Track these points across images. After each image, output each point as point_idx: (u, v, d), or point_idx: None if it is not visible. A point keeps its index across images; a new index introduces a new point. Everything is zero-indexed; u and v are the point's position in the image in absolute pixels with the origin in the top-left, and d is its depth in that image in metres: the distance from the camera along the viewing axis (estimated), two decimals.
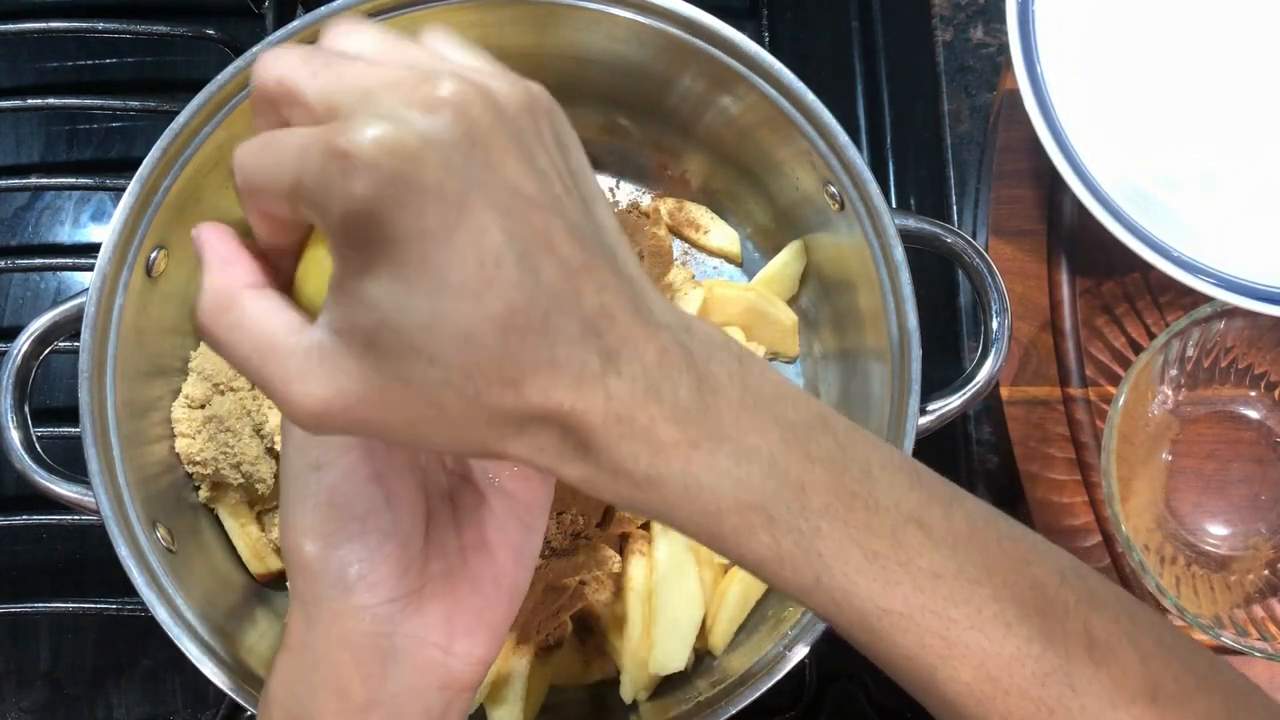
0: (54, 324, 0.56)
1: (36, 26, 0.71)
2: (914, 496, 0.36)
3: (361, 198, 0.29)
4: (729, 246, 0.69)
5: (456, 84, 0.31)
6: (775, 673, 0.54)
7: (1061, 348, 0.66)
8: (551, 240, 0.31)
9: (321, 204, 0.30)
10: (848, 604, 0.35)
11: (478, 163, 0.30)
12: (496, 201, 0.30)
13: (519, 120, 0.32)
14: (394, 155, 0.29)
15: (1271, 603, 0.62)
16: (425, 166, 0.29)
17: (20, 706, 0.68)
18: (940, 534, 0.36)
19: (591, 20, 0.59)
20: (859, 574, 0.35)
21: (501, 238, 0.30)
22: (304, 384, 0.32)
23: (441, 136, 0.30)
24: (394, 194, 0.29)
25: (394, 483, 0.39)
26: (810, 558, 0.35)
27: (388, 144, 0.29)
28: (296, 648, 0.39)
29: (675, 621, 0.60)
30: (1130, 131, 0.60)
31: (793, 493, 0.34)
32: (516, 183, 0.31)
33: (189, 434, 0.61)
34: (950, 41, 0.73)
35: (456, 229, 0.30)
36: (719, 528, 0.34)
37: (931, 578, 0.35)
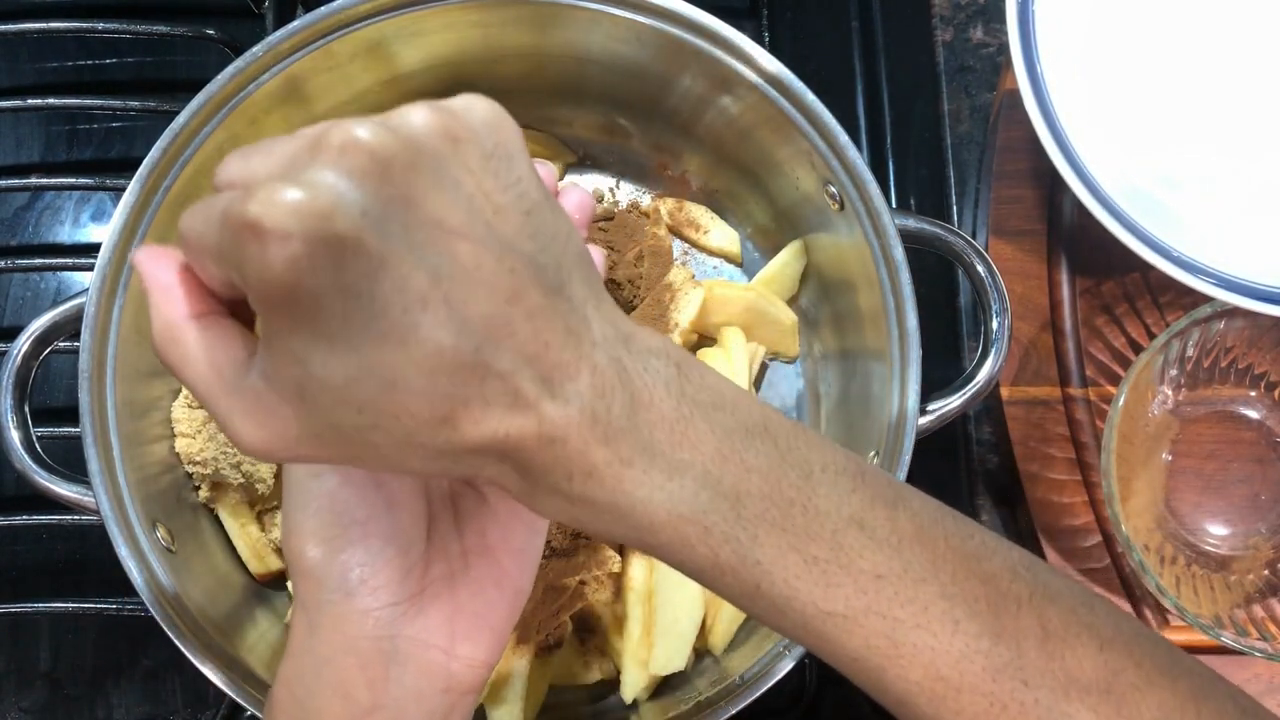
0: (54, 324, 0.56)
1: (36, 26, 0.71)
2: (855, 499, 0.36)
3: (275, 269, 0.29)
4: (729, 246, 0.69)
5: (365, 129, 0.30)
6: (775, 673, 0.54)
7: (1061, 348, 0.66)
8: (480, 271, 0.31)
9: (240, 274, 0.30)
10: (790, 609, 0.36)
11: (396, 205, 0.30)
12: (418, 243, 0.30)
13: (439, 149, 0.31)
14: (304, 217, 0.29)
15: (1271, 603, 0.62)
16: (338, 222, 0.29)
17: (20, 706, 0.68)
18: (883, 534, 0.36)
19: (591, 20, 0.59)
20: (798, 580, 0.35)
21: (426, 280, 0.30)
22: (244, 423, 0.32)
23: (353, 187, 0.29)
24: (309, 258, 0.29)
25: (394, 487, 0.39)
26: (749, 566, 0.35)
27: (296, 207, 0.29)
28: (300, 652, 0.39)
29: (675, 621, 0.60)
30: (1130, 131, 0.60)
31: (728, 503, 0.34)
32: (440, 216, 0.30)
33: (189, 434, 0.61)
34: (950, 41, 0.73)
35: (377, 280, 0.29)
36: (655, 540, 0.35)
37: (874, 579, 0.35)
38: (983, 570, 0.37)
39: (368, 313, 0.30)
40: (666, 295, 0.64)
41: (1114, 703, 0.36)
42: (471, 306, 0.31)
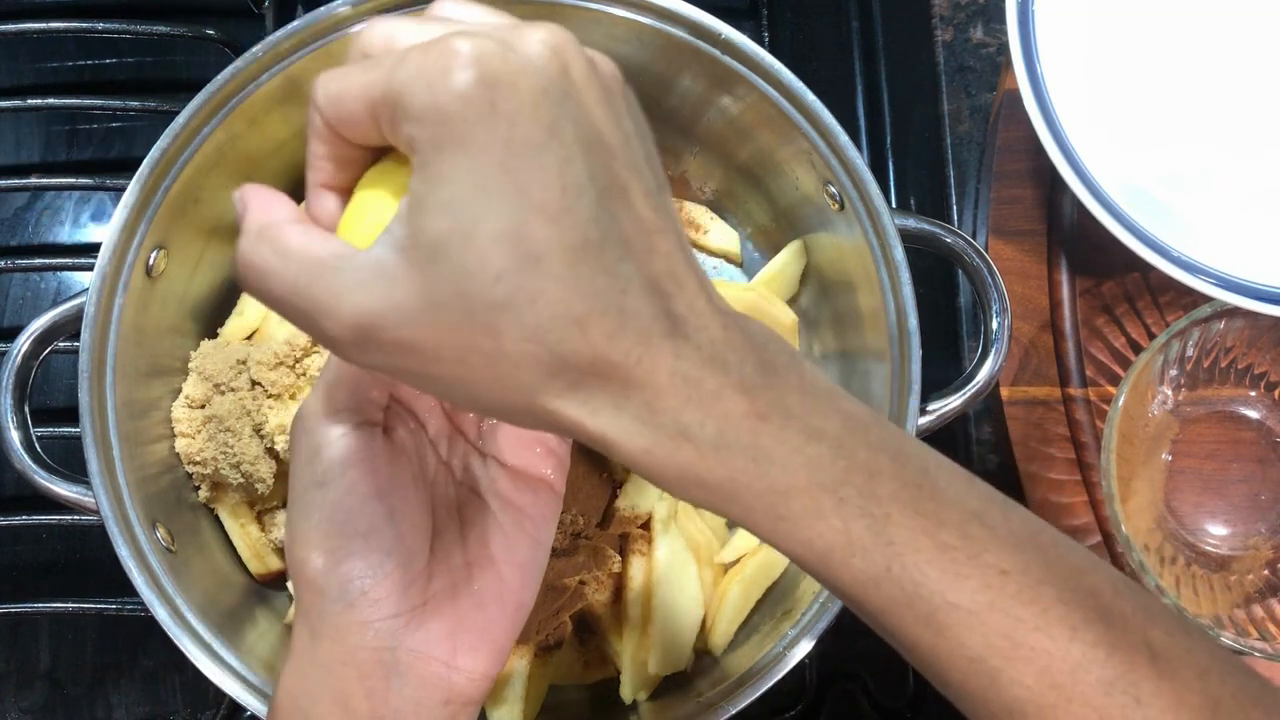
0: (54, 324, 0.56)
1: (36, 26, 0.71)
2: (973, 494, 0.35)
3: (460, 90, 0.29)
4: (729, 246, 0.69)
5: (556, 33, 0.31)
6: (775, 673, 0.54)
7: (1061, 348, 0.66)
8: (629, 194, 0.31)
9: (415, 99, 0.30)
10: (918, 596, 0.34)
11: (572, 99, 0.31)
12: (584, 138, 0.30)
13: (610, 81, 0.33)
14: (496, 62, 0.29)
15: (1271, 603, 0.62)
16: (523, 82, 0.29)
17: (20, 706, 0.68)
18: (1003, 533, 0.35)
19: (591, 20, 0.59)
20: (930, 565, 0.34)
21: (585, 171, 0.30)
22: (354, 295, 0.30)
23: (540, 66, 0.30)
24: (491, 96, 0.29)
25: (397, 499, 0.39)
26: (881, 545, 0.34)
27: (491, 52, 0.29)
28: (301, 661, 0.39)
29: (675, 621, 0.60)
30: (1130, 131, 0.60)
31: (863, 477, 0.33)
32: (603, 131, 0.31)
33: (189, 434, 0.61)
34: (950, 41, 0.73)
35: (545, 149, 0.29)
36: (787, 508, 0.33)
37: (999, 574, 0.34)
38: (1089, 583, 0.36)
39: (528, 177, 0.29)
40: None
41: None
42: (621, 218, 0.31)
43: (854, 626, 0.40)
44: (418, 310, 0.30)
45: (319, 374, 0.61)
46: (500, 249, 0.29)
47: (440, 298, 0.30)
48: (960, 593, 0.34)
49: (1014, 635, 0.34)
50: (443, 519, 0.41)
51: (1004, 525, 0.35)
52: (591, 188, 0.30)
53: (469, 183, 0.29)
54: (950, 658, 0.35)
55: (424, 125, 0.30)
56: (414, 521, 0.40)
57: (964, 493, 0.35)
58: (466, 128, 0.29)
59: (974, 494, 0.36)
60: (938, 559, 0.34)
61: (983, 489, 0.36)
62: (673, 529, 0.62)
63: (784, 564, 0.63)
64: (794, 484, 0.33)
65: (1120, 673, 0.35)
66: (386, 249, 0.30)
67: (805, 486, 0.33)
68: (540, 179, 0.29)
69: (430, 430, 0.43)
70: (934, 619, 0.34)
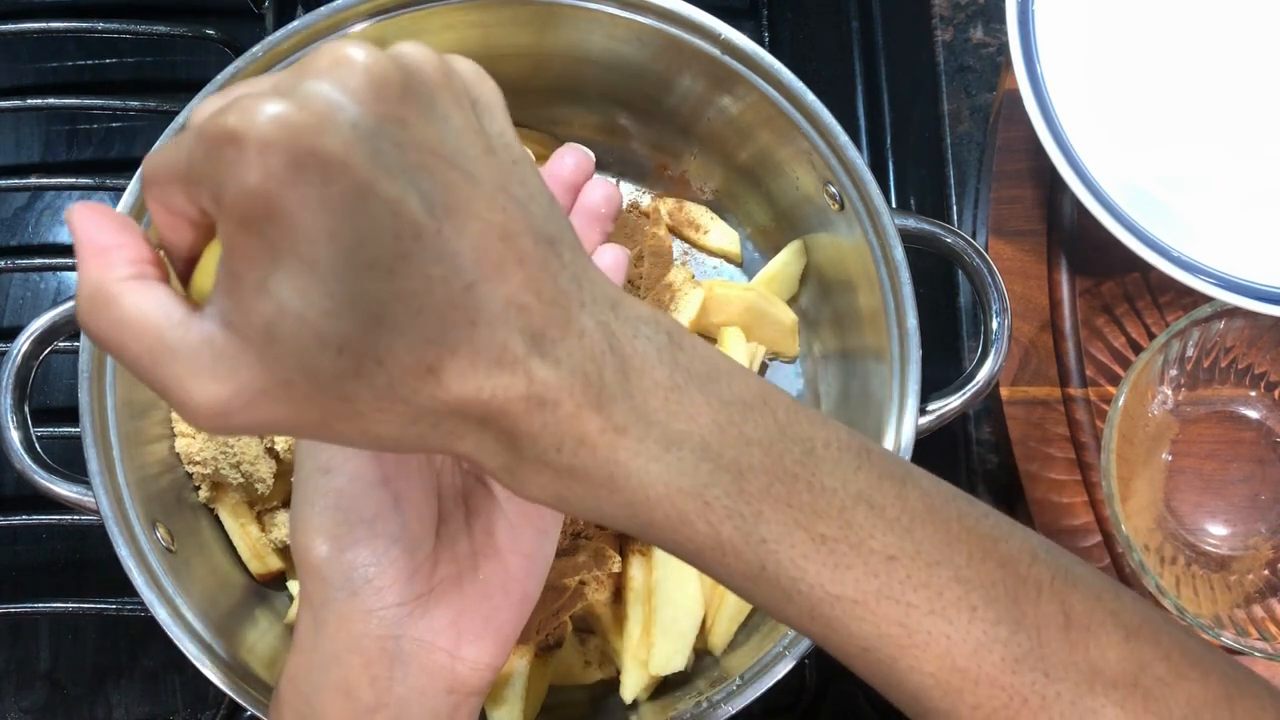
0: (54, 324, 0.56)
1: (36, 26, 0.71)
2: (862, 475, 0.34)
3: (254, 178, 0.27)
4: (729, 246, 0.69)
5: (358, 49, 0.28)
6: (775, 673, 0.54)
7: (1061, 348, 0.66)
8: (473, 205, 0.29)
9: (213, 189, 0.28)
10: (796, 592, 0.33)
11: (389, 124, 0.28)
12: (410, 163, 0.28)
13: (433, 79, 0.30)
14: (290, 127, 0.27)
15: (1271, 603, 0.62)
16: (327, 135, 0.27)
17: (20, 706, 0.68)
18: (893, 514, 0.34)
19: (591, 20, 0.59)
20: (806, 560, 0.33)
21: (419, 206, 0.28)
22: (200, 382, 0.29)
23: (344, 100, 0.27)
24: (292, 169, 0.26)
25: (403, 486, 0.39)
26: (753, 544, 0.33)
27: (283, 117, 0.27)
28: (305, 649, 0.39)
29: (675, 621, 0.60)
30: (1130, 131, 0.60)
31: (730, 477, 0.32)
32: (433, 143, 0.29)
33: (189, 434, 0.61)
34: (950, 41, 0.73)
35: (366, 200, 0.27)
36: (650, 517, 0.32)
37: (885, 560, 0.33)
38: (999, 553, 0.35)
39: (354, 238, 0.27)
40: (666, 295, 0.64)
41: (1141, 697, 0.34)
42: (464, 240, 0.28)
43: None
44: (266, 390, 0.28)
45: None
46: (335, 322, 0.27)
47: (285, 377, 0.28)
48: (842, 584, 0.33)
49: (907, 622, 0.33)
50: (448, 507, 0.41)
51: (896, 505, 0.34)
52: (430, 221, 0.28)
53: (289, 260, 0.27)
54: (844, 649, 0.34)
55: (225, 205, 0.27)
56: (419, 509, 0.39)
57: (850, 475, 0.34)
58: (271, 204, 0.27)
59: (864, 474, 0.34)
60: (814, 552, 0.33)
61: (879, 465, 0.34)
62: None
63: None
64: (654, 495, 0.32)
65: (1028, 648, 0.34)
66: (216, 325, 0.29)
67: (665, 495, 0.32)
68: (370, 232, 0.27)
69: None
70: (818, 612, 0.34)
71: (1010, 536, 0.36)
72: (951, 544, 0.34)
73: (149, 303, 0.30)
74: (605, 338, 0.31)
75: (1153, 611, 0.36)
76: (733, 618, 0.62)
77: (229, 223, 0.28)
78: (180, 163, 0.29)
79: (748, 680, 0.55)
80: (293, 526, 0.39)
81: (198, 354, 0.29)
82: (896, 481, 0.34)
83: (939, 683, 0.34)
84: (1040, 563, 0.35)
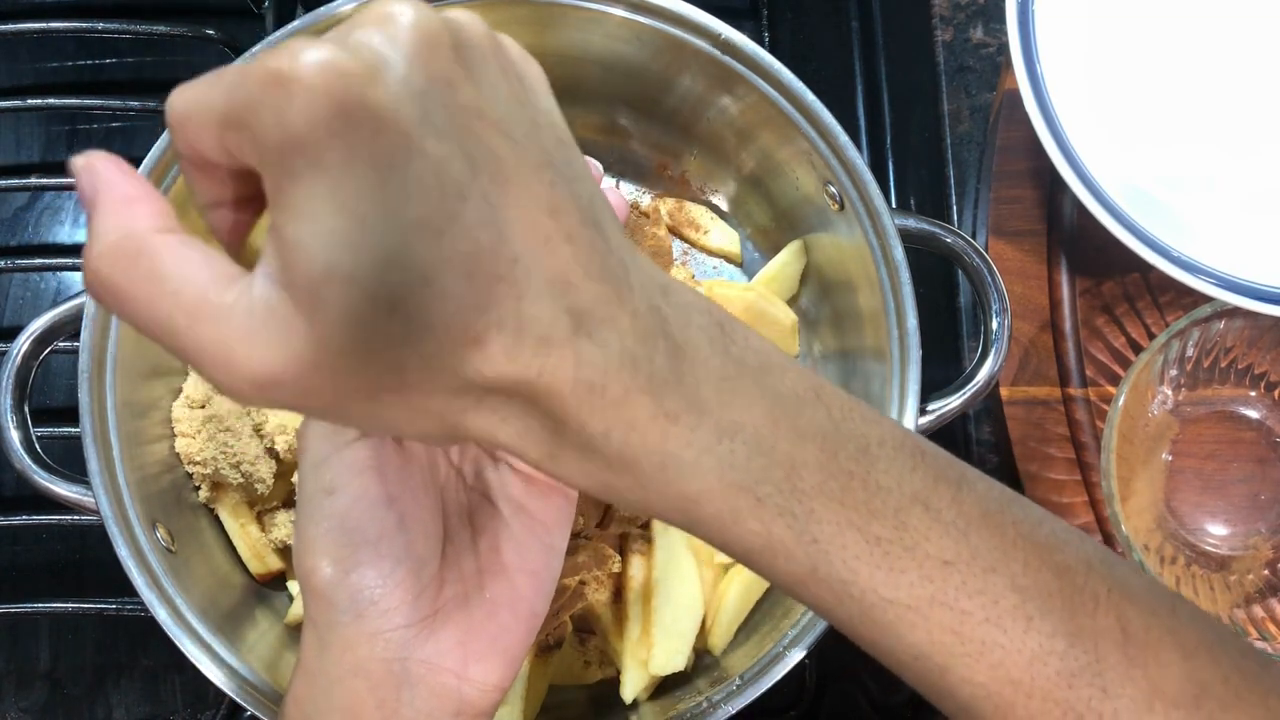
0: (54, 324, 0.56)
1: (36, 26, 0.71)
2: (917, 476, 0.33)
3: (302, 121, 0.25)
4: (729, 246, 0.69)
5: (413, 8, 0.27)
6: (775, 673, 0.54)
7: (1061, 348, 0.66)
8: (521, 174, 0.28)
9: (257, 132, 0.26)
10: (848, 595, 0.32)
11: (438, 84, 0.27)
12: (458, 125, 0.27)
13: (481, 45, 0.29)
14: (340, 74, 0.26)
15: (1271, 603, 0.62)
16: (377, 85, 0.26)
17: (20, 706, 0.68)
18: (949, 517, 0.32)
19: (591, 20, 0.59)
20: (859, 561, 0.32)
21: (465, 169, 0.27)
22: (249, 349, 0.27)
23: (396, 53, 0.27)
24: (341, 116, 0.26)
25: (408, 505, 0.38)
26: (804, 544, 0.32)
27: (333, 64, 0.26)
28: (310, 671, 0.38)
29: (675, 621, 0.60)
30: (1130, 131, 0.60)
31: (783, 472, 0.31)
32: (481, 107, 0.28)
33: (189, 434, 0.61)
34: (950, 41, 0.73)
35: (414, 156, 0.26)
36: (701, 512, 0.31)
37: (940, 565, 0.32)
38: (1056, 561, 0.33)
39: (401, 193, 0.26)
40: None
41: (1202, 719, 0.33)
42: (511, 210, 0.27)
43: None
44: (317, 359, 0.27)
45: None
46: (385, 279, 0.26)
47: (338, 343, 0.27)
48: (896, 589, 0.32)
49: (961, 630, 0.32)
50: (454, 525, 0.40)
51: (952, 508, 0.32)
52: (475, 186, 0.27)
53: (335, 213, 0.26)
54: (894, 656, 0.33)
55: (268, 150, 0.26)
56: (425, 528, 0.39)
57: (906, 475, 0.32)
58: (318, 151, 0.26)
59: (920, 474, 0.33)
60: (867, 554, 0.32)
61: (934, 465, 0.33)
62: (673, 529, 0.62)
63: None
64: (706, 488, 0.31)
65: (1085, 663, 0.32)
66: (268, 285, 0.27)
67: (718, 490, 0.31)
68: (416, 191, 0.26)
69: None
70: (870, 617, 0.32)
71: (1067, 545, 0.34)
72: (1007, 550, 0.33)
73: (193, 257, 0.28)
74: (657, 322, 0.30)
75: (1209, 628, 0.35)
76: (733, 618, 0.62)
77: (273, 171, 0.26)
78: (217, 102, 0.27)
79: (748, 680, 0.55)
80: (296, 548, 0.38)
81: (247, 316, 0.27)
82: (952, 484, 0.33)
83: (991, 694, 0.33)
84: (1097, 573, 0.34)
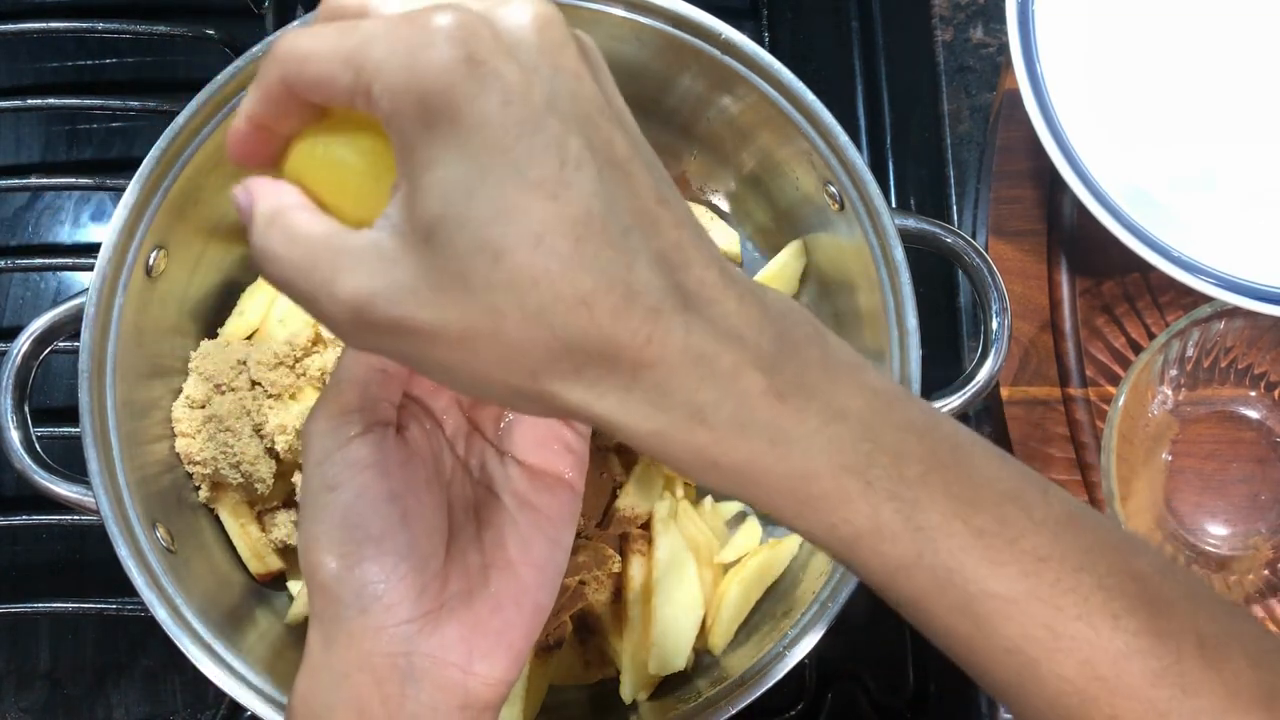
0: (54, 324, 0.56)
1: (36, 26, 0.71)
2: (1007, 474, 0.34)
3: (446, 66, 0.28)
4: (729, 246, 0.69)
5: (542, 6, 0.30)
6: (775, 673, 0.54)
7: (1061, 348, 0.66)
8: (630, 167, 0.30)
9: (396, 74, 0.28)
10: (951, 584, 0.33)
11: (565, 74, 0.29)
12: (580, 113, 0.29)
13: (597, 55, 0.32)
14: (483, 36, 0.28)
15: (1271, 603, 0.62)
16: (513, 57, 0.29)
17: (20, 706, 0.68)
18: (1040, 515, 0.33)
19: (591, 20, 0.59)
20: (965, 552, 0.32)
21: (584, 145, 0.29)
22: (352, 275, 0.30)
23: (530, 40, 0.29)
24: (480, 72, 0.28)
25: (411, 501, 0.39)
26: (911, 530, 0.32)
27: (476, 26, 0.28)
28: (315, 667, 0.39)
29: (675, 621, 0.60)
30: (1130, 131, 0.60)
31: (890, 458, 0.32)
32: (599, 105, 0.30)
33: (189, 434, 0.61)
34: (950, 41, 0.73)
35: (540, 125, 0.28)
36: (809, 492, 0.32)
37: (1036, 561, 0.33)
38: (1132, 566, 0.34)
39: (525, 155, 0.28)
40: None
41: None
42: (623, 191, 0.29)
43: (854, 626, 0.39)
44: (415, 290, 0.29)
45: (323, 375, 0.61)
46: (498, 230, 0.28)
47: (438, 279, 0.29)
48: (998, 581, 0.33)
49: (1054, 625, 0.33)
50: (459, 520, 0.41)
51: (1042, 507, 0.34)
52: (592, 162, 0.29)
53: (461, 164, 0.28)
54: (987, 649, 0.34)
55: (406, 103, 0.28)
56: (429, 524, 0.39)
57: (998, 473, 0.34)
58: (454, 106, 0.28)
59: (1009, 474, 0.34)
60: (973, 545, 0.32)
61: (1017, 468, 0.35)
62: (673, 529, 0.62)
63: (784, 564, 0.63)
64: (817, 467, 0.31)
65: (1168, 663, 0.33)
66: (383, 231, 0.30)
67: (829, 469, 0.31)
68: (538, 156, 0.28)
69: (447, 429, 0.42)
70: (970, 608, 0.33)
71: (1142, 551, 0.35)
72: (1092, 552, 0.34)
73: (318, 221, 0.32)
74: (760, 309, 0.31)
75: (1268, 638, 0.36)
76: (733, 618, 0.62)
77: (408, 118, 0.28)
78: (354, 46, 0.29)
79: (748, 680, 0.55)
80: (301, 545, 0.39)
81: (359, 252, 0.30)
82: (1039, 485, 0.34)
83: (1079, 689, 0.33)
84: (1169, 580, 0.35)
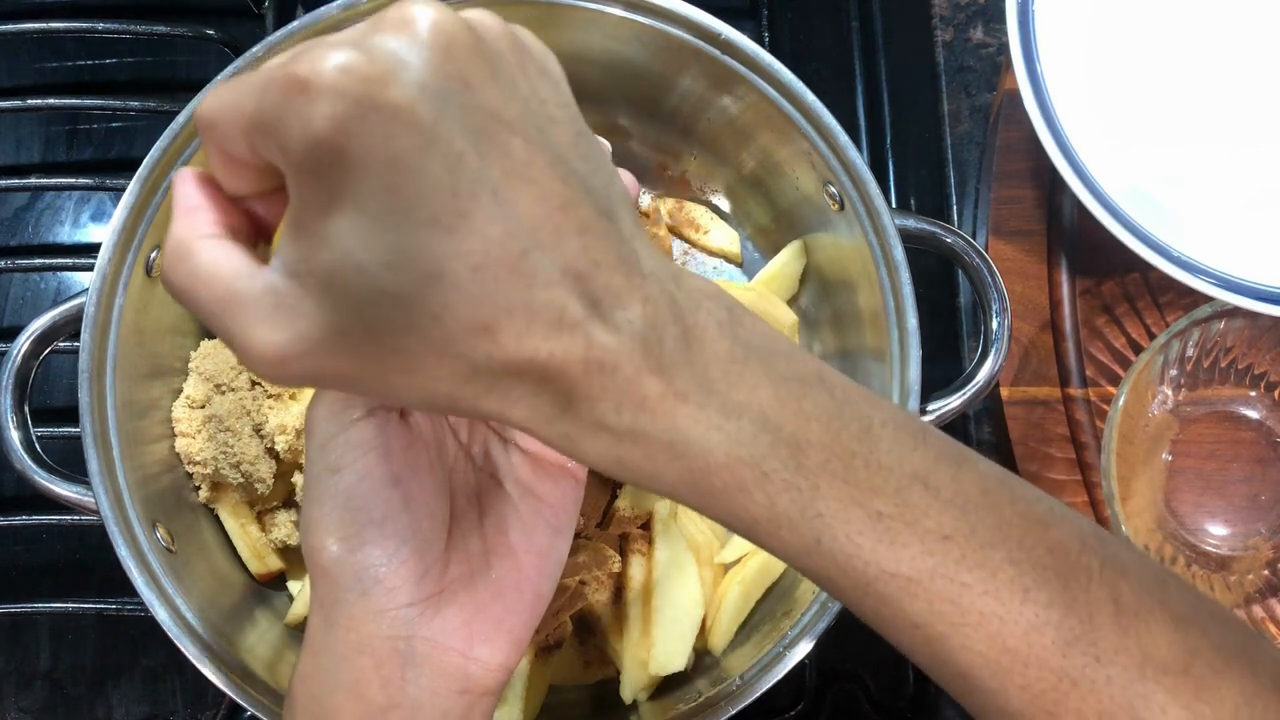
0: (54, 324, 0.56)
1: (36, 26, 0.71)
2: (918, 455, 0.34)
3: (321, 124, 0.27)
4: (729, 246, 0.69)
5: (431, 10, 0.29)
6: (775, 673, 0.54)
7: (1061, 348, 0.66)
8: (532, 171, 0.29)
9: (280, 135, 0.28)
10: (850, 568, 0.34)
11: (455, 84, 0.29)
12: (473, 126, 0.29)
13: (498, 43, 0.31)
14: (358, 78, 0.27)
15: (1271, 603, 0.62)
16: (394, 87, 0.28)
17: (20, 706, 0.68)
18: (948, 494, 0.34)
19: (591, 20, 0.59)
20: (862, 535, 0.33)
21: (477, 165, 0.28)
22: (261, 330, 0.30)
23: (413, 56, 0.28)
24: (358, 119, 0.27)
25: (413, 485, 0.39)
26: (809, 518, 0.33)
27: (352, 67, 0.27)
28: (316, 649, 0.39)
29: (675, 621, 0.60)
30: (1130, 131, 0.60)
31: (788, 450, 0.33)
32: (496, 107, 0.29)
33: (189, 434, 0.61)
34: (950, 41, 0.73)
35: (428, 155, 0.28)
36: (709, 485, 0.33)
37: (940, 540, 0.33)
38: (1050, 538, 0.35)
39: (415, 192, 0.28)
40: None
41: (1193, 685, 0.34)
42: (523, 205, 0.29)
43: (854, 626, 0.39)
44: (323, 340, 0.30)
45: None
46: (393, 274, 0.28)
47: (344, 327, 0.29)
48: (898, 562, 0.33)
49: (960, 601, 0.34)
50: (461, 506, 0.41)
51: (951, 486, 0.34)
52: (486, 183, 0.28)
53: (351, 209, 0.28)
54: (895, 625, 0.35)
55: (292, 151, 0.28)
56: (430, 508, 0.39)
57: (907, 455, 0.34)
58: (337, 152, 0.28)
59: (920, 454, 0.34)
60: (870, 528, 0.33)
61: (935, 446, 0.35)
62: (673, 529, 0.62)
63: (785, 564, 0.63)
64: (712, 463, 0.32)
65: (1079, 632, 0.34)
66: (280, 275, 0.30)
67: (724, 464, 0.32)
68: (428, 191, 0.28)
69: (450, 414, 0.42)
70: (871, 589, 0.34)
71: (1062, 522, 0.36)
72: (1004, 527, 0.34)
73: (221, 256, 0.31)
74: (669, 307, 0.32)
75: (1200, 600, 0.37)
76: (733, 618, 0.62)
77: (295, 171, 0.29)
78: (245, 107, 0.29)
79: (748, 680, 0.55)
80: (303, 527, 0.39)
81: (260, 302, 0.30)
82: (952, 463, 0.35)
83: (989, 662, 0.34)
84: (1090, 550, 0.35)
